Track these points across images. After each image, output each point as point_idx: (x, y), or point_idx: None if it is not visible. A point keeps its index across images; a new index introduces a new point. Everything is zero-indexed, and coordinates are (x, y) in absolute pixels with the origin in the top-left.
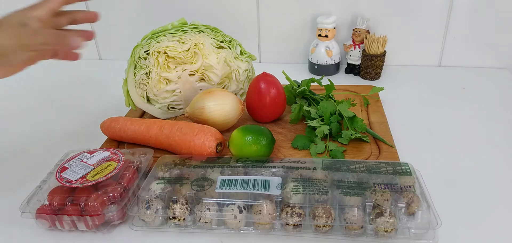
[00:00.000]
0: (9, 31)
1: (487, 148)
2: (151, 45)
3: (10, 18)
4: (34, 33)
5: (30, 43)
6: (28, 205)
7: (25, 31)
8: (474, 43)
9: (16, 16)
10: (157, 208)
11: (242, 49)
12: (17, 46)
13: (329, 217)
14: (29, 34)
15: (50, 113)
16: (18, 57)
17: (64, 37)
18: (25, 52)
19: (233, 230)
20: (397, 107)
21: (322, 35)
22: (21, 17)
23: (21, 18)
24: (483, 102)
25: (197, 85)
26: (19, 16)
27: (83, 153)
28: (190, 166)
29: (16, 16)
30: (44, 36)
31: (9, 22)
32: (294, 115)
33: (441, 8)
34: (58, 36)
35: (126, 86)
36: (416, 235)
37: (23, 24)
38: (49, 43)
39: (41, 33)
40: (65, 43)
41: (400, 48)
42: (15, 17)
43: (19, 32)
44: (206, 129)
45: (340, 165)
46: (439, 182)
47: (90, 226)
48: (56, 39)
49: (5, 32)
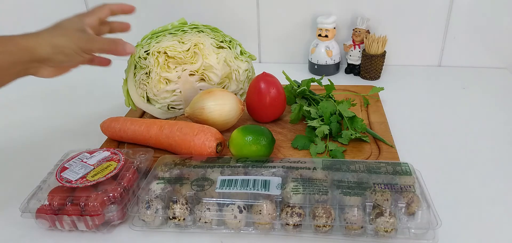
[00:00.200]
0: (71, 35)
1: (487, 148)
2: (151, 45)
3: (70, 23)
4: (92, 39)
5: (88, 48)
6: (28, 205)
7: (85, 36)
8: (474, 43)
9: (75, 22)
10: (157, 208)
11: (242, 49)
12: (77, 50)
13: (329, 217)
14: (88, 40)
15: (50, 113)
16: (75, 59)
17: (118, 44)
18: (82, 55)
19: (233, 230)
20: (397, 107)
21: (322, 35)
22: (79, 24)
23: (79, 25)
24: (483, 102)
25: (197, 85)
26: (76, 22)
27: (83, 153)
28: (190, 166)
29: (75, 22)
30: (101, 43)
31: (70, 27)
32: (294, 115)
33: (441, 8)
34: (113, 43)
35: (126, 86)
36: (416, 235)
37: (82, 30)
38: (105, 50)
39: (98, 40)
40: (120, 49)
41: (400, 48)
42: (74, 22)
43: (80, 37)
44: (206, 129)
45: (340, 165)
46: (439, 182)
47: (90, 226)
48: (111, 46)
49: (68, 35)
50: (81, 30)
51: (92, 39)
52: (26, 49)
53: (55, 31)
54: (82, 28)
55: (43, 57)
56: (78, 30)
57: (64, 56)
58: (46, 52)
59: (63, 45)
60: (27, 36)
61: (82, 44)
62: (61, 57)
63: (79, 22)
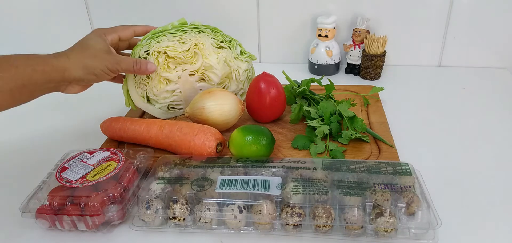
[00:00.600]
0: (100, 56)
1: (487, 148)
2: (151, 45)
3: (97, 44)
4: (120, 61)
5: (115, 69)
6: (28, 205)
7: (113, 59)
8: (474, 43)
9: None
10: (157, 208)
11: (242, 49)
12: (106, 70)
13: (329, 217)
14: (116, 62)
15: (50, 113)
16: (103, 78)
17: (142, 65)
18: (108, 75)
19: (233, 230)
20: (397, 107)
21: (322, 35)
22: (105, 46)
23: (106, 47)
24: (483, 102)
25: (197, 85)
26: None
27: (83, 153)
28: (190, 166)
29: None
30: (127, 64)
31: (99, 48)
32: (294, 115)
33: (441, 8)
34: (137, 64)
35: (126, 86)
36: (416, 235)
37: (108, 51)
38: (129, 70)
39: (124, 61)
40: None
41: (400, 48)
42: (100, 43)
43: (108, 59)
44: (206, 129)
45: (340, 165)
46: (439, 182)
47: (90, 226)
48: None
49: (98, 57)
50: (108, 52)
51: (120, 61)
52: (59, 69)
53: (85, 52)
54: (109, 50)
55: (76, 78)
56: (106, 52)
57: (94, 76)
58: (78, 74)
59: (94, 67)
60: (60, 56)
61: (110, 65)
62: (91, 77)
63: (104, 44)
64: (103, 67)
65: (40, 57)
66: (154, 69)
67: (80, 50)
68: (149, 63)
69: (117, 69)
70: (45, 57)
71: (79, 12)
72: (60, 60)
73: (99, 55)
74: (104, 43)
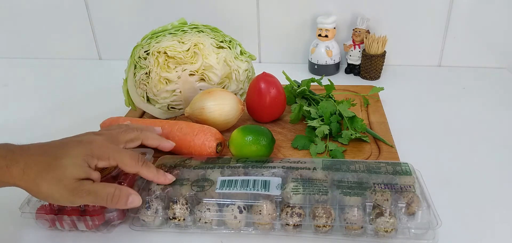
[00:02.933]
0: (62, 184)
1: (487, 148)
2: (151, 45)
3: (68, 167)
4: (84, 196)
5: (130, 171)
6: (28, 205)
7: (78, 193)
8: (474, 43)
9: (75, 167)
10: (157, 208)
11: (242, 49)
12: (64, 204)
13: (329, 217)
14: (78, 198)
15: (50, 113)
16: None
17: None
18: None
19: (233, 230)
20: (397, 107)
21: (322, 35)
22: (77, 172)
23: (78, 173)
24: (483, 102)
25: (197, 85)
26: (76, 169)
27: None
28: (190, 166)
29: (75, 167)
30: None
31: (65, 173)
32: (294, 115)
33: (441, 8)
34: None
35: (126, 86)
36: (416, 235)
37: (75, 186)
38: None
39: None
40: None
41: (400, 48)
42: (74, 167)
43: (70, 193)
44: (206, 129)
45: (340, 165)
46: (439, 182)
47: (90, 226)
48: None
49: (59, 183)
50: (76, 187)
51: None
52: (4, 182)
53: (48, 174)
54: (78, 184)
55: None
56: (75, 182)
57: (50, 201)
58: (31, 193)
59: (50, 194)
60: (12, 166)
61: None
62: (46, 200)
63: (79, 172)
64: (62, 199)
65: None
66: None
67: (45, 167)
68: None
69: (132, 172)
70: (8, 167)
71: (79, 12)
72: (12, 171)
73: (63, 183)
74: (79, 171)
